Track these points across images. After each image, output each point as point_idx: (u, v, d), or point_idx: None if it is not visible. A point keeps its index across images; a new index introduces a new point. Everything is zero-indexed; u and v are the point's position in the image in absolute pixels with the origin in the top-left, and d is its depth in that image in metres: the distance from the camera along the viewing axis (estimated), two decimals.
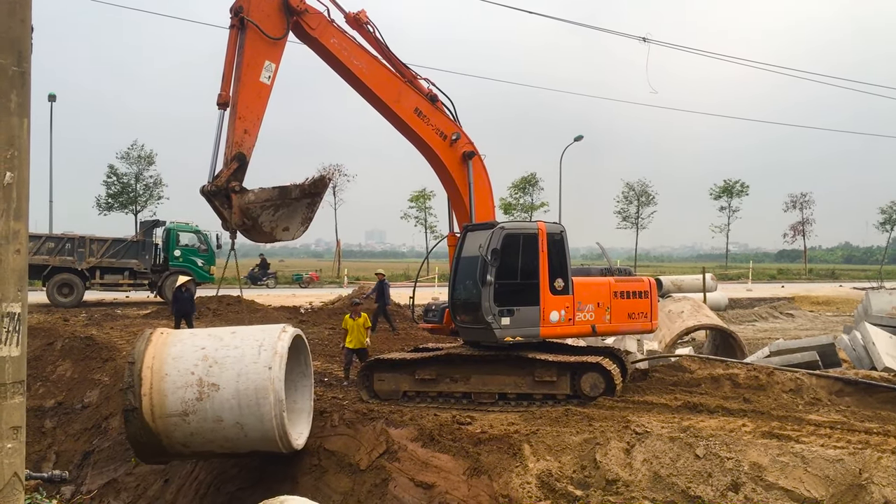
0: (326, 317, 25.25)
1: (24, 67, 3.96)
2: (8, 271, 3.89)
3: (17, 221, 3.93)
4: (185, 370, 9.26)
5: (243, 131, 11.56)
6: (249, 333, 9.82)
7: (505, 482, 9.20)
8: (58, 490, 11.21)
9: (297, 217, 11.98)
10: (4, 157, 3.87)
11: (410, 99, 12.99)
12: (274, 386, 9.03)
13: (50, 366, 16.42)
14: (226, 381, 9.13)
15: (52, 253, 27.41)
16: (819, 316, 34.95)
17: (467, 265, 12.52)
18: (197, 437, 9.34)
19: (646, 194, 71.40)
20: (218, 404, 9.11)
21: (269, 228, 11.79)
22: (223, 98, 11.72)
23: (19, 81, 3.94)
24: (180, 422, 9.20)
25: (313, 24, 12.17)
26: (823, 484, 8.42)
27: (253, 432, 9.20)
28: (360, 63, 12.59)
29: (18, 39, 3.93)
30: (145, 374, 9.25)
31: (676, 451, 9.16)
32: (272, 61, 11.87)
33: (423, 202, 65.85)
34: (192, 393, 9.14)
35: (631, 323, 13.26)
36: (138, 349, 9.52)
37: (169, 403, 9.17)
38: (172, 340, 9.71)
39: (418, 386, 12.42)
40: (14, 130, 3.92)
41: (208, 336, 9.91)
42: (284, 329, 9.76)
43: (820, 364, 14.59)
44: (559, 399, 11.99)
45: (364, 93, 12.92)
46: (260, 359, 9.19)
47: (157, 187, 53.46)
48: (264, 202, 11.66)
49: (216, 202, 11.56)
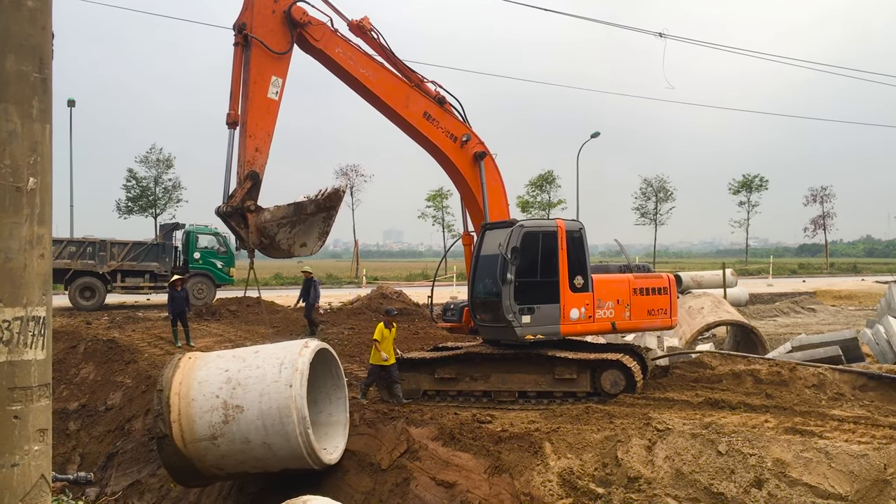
0: (346, 317, 25.29)
1: (45, 74, 4.00)
2: (32, 276, 3.93)
3: (40, 226, 3.97)
4: (210, 394, 9.28)
5: (254, 149, 11.55)
6: (271, 352, 9.76)
7: (526, 480, 9.19)
8: (83, 492, 11.31)
9: (313, 232, 11.95)
10: (28, 162, 3.91)
11: (419, 103, 12.92)
12: (296, 404, 8.95)
13: (73, 368, 16.60)
14: (249, 403, 9.13)
15: (74, 257, 27.65)
16: (841, 310, 34.62)
17: (487, 264, 12.51)
18: (228, 460, 9.36)
19: (664, 190, 71.02)
20: (244, 426, 9.10)
21: (287, 246, 11.78)
22: (232, 117, 11.70)
23: (41, 88, 3.98)
24: (210, 445, 9.22)
25: (317, 35, 12.12)
26: (848, 480, 8.34)
27: (281, 451, 9.18)
28: (366, 71, 12.52)
29: (39, 46, 3.97)
30: (173, 401, 9.30)
31: (698, 447, 9.11)
32: (279, 76, 11.84)
33: (440, 201, 65.92)
34: (219, 416, 9.16)
35: (650, 320, 13.21)
36: (166, 376, 9.56)
37: (197, 428, 9.20)
38: (199, 364, 9.74)
39: (438, 385, 12.44)
40: (36, 136, 3.96)
41: (233, 357, 9.91)
42: (306, 344, 9.69)
43: (843, 359, 14.46)
44: (579, 397, 11.97)
45: (372, 100, 12.85)
46: (281, 377, 9.14)
47: (176, 190, 53.89)
48: (280, 220, 11.64)
49: (232, 222, 11.57)
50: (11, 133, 3.88)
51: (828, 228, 79.05)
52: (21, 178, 3.89)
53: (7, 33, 3.86)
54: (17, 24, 3.89)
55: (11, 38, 3.87)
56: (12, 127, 3.88)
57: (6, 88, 3.88)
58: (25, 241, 3.90)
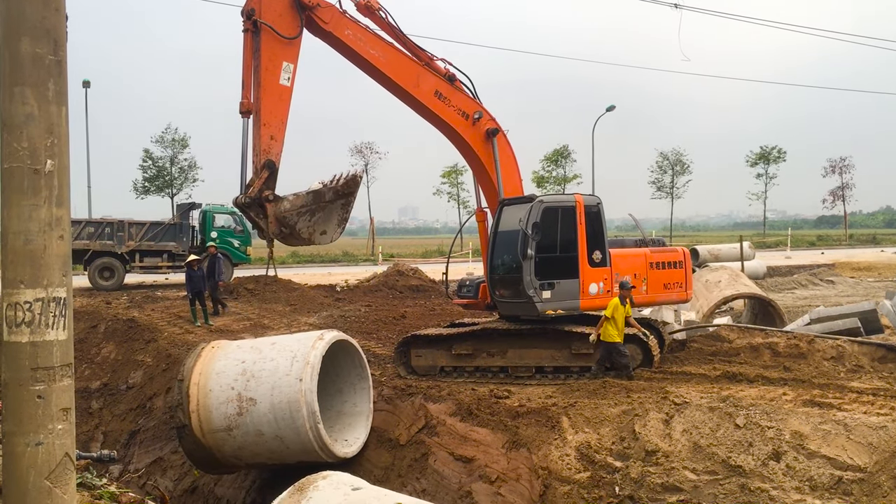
0: (362, 294, 25.40)
1: (60, 56, 4.02)
2: (52, 257, 3.98)
3: (59, 208, 4.01)
4: (226, 385, 9.29)
5: (269, 137, 11.47)
6: (286, 344, 9.70)
7: (544, 455, 9.24)
8: (106, 469, 11.47)
9: (333, 219, 11.91)
10: (45, 145, 3.94)
11: (429, 82, 12.78)
12: (306, 398, 8.91)
13: (94, 348, 16.79)
14: (261, 396, 9.11)
15: (93, 238, 27.84)
16: (860, 282, 34.34)
17: (506, 239, 12.48)
18: (245, 451, 9.39)
19: (680, 163, 70.47)
20: (257, 418, 9.10)
21: (308, 234, 11.74)
22: (245, 106, 11.62)
23: (56, 70, 4.00)
24: (227, 436, 9.27)
25: (326, 17, 12.00)
26: (866, 451, 8.32)
27: (293, 445, 9.17)
28: (376, 52, 12.39)
29: (54, 28, 3.98)
30: (192, 391, 9.35)
31: (716, 420, 9.11)
32: (290, 62, 11.72)
33: (455, 178, 65.71)
34: (233, 408, 9.18)
35: (667, 293, 13.24)
36: (187, 366, 9.60)
37: (214, 419, 9.25)
38: (219, 355, 9.73)
39: (455, 361, 12.49)
40: (53, 118, 3.98)
41: (251, 349, 9.87)
42: (321, 336, 9.59)
43: (862, 331, 14.38)
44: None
45: (382, 81, 12.71)
46: (292, 370, 9.10)
47: (192, 170, 54.05)
48: (300, 209, 11.57)
49: (251, 213, 11.52)
50: (28, 116, 3.91)
51: (847, 199, 78.37)
52: (39, 161, 3.92)
53: (21, 16, 3.88)
54: (32, 6, 3.90)
55: (26, 21, 3.89)
56: (29, 110, 3.91)
57: (22, 71, 3.91)
58: (45, 223, 3.94)
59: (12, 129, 3.90)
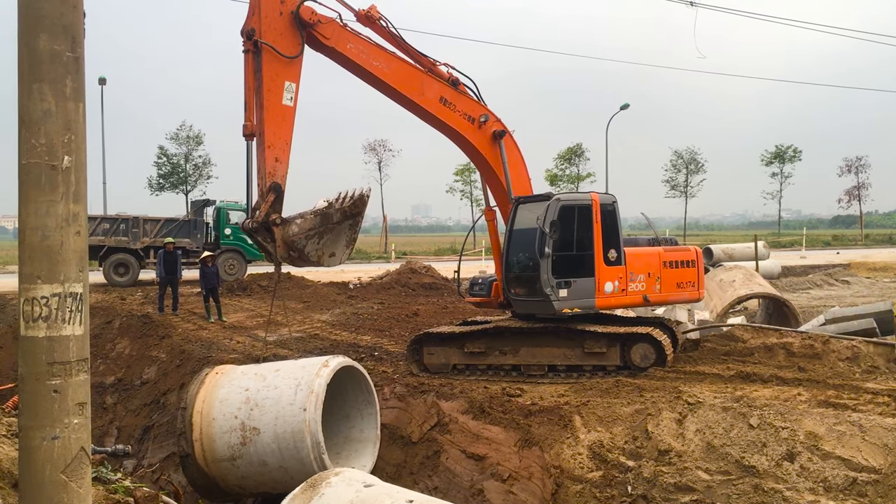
0: (375, 291, 25.47)
1: (77, 53, 4.04)
2: (69, 253, 4.00)
3: (76, 204, 4.03)
4: (229, 414, 9.10)
5: (274, 160, 11.32)
6: (290, 371, 9.47)
7: (556, 453, 9.23)
8: (121, 464, 11.55)
9: (341, 241, 11.76)
10: (62, 141, 3.96)
11: (434, 89, 12.63)
12: (310, 428, 8.69)
13: (109, 344, 16.92)
14: (265, 425, 8.93)
15: (108, 234, 28.02)
16: (876, 282, 34.06)
17: (522, 238, 12.47)
18: (249, 480, 9.22)
19: (694, 162, 70.22)
20: (260, 448, 8.92)
21: (317, 258, 11.61)
22: (249, 128, 11.38)
23: (74, 67, 4.02)
24: (230, 466, 9.09)
25: (328, 33, 11.79)
26: (882, 453, 8.26)
27: (297, 475, 8.81)
28: (379, 63, 12.21)
29: (72, 25, 4.00)
30: (195, 420, 9.18)
31: (730, 420, 9.07)
32: (292, 81, 11.54)
33: (468, 175, 65.66)
34: (237, 438, 8.99)
35: (679, 292, 13.22)
36: (190, 393, 9.44)
37: (217, 448, 9.07)
38: (222, 381, 9.55)
39: (468, 359, 12.49)
40: (70, 115, 4.00)
41: (255, 375, 9.66)
42: (326, 363, 9.35)
43: (877, 331, 14.27)
44: (609, 370, 11.97)
45: (387, 91, 12.56)
46: (296, 399, 8.87)
47: (207, 167, 54.32)
48: (308, 232, 11.43)
49: (259, 238, 11.43)
50: (46, 112, 3.93)
51: (863, 199, 77.89)
52: (56, 157, 3.94)
53: (39, 13, 3.90)
54: (50, 3, 3.93)
55: (44, 18, 3.91)
56: (47, 106, 3.93)
57: (40, 68, 3.93)
58: (62, 219, 3.97)
59: (30, 125, 3.93)
